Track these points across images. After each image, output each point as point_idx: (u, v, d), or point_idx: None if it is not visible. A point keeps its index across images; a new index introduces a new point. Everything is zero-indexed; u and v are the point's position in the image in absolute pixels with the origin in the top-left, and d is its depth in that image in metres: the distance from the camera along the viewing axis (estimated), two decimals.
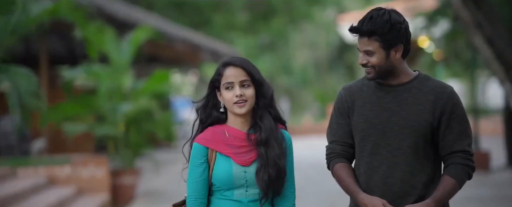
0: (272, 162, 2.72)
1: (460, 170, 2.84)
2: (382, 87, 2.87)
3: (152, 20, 14.39)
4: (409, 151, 2.81)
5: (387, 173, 2.83)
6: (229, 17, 22.79)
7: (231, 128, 2.77)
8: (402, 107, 2.84)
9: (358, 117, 2.87)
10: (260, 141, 2.74)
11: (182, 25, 18.28)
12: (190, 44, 15.62)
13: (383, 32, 2.77)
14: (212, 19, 21.99)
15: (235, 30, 24.25)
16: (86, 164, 9.54)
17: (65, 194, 8.91)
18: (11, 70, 5.78)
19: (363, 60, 2.83)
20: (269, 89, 2.78)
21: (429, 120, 2.82)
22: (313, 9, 25.35)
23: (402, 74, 2.86)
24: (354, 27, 2.82)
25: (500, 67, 7.50)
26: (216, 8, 21.83)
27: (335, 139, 2.93)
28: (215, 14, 22.07)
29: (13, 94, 5.42)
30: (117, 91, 10.09)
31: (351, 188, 2.84)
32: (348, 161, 2.93)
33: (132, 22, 12.68)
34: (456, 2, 7.35)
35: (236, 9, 22.62)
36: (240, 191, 2.75)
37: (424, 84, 2.86)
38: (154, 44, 13.39)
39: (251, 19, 23.73)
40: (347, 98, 2.90)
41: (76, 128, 9.93)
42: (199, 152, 2.74)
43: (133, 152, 10.21)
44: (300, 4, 23.58)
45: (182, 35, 15.46)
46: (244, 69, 2.73)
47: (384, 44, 2.79)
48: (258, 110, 2.77)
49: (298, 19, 25.60)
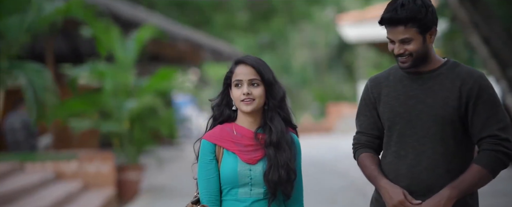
0: (283, 163, 2.71)
1: (487, 155, 2.71)
2: (410, 75, 2.81)
3: (154, 19, 14.57)
4: (436, 139, 2.75)
5: (414, 162, 2.77)
6: (230, 16, 22.95)
7: (239, 126, 2.78)
8: (428, 94, 2.78)
9: (384, 106, 2.83)
10: (270, 142, 2.73)
11: (183, 25, 18.45)
12: (192, 43, 15.76)
13: (421, 17, 2.71)
14: (212, 18, 22.15)
15: (235, 30, 24.42)
16: (92, 159, 9.74)
17: (72, 188, 9.09)
18: (26, 66, 5.97)
19: (400, 50, 2.75)
20: (280, 90, 2.77)
21: (456, 107, 2.74)
22: (313, 9, 25.46)
23: (432, 61, 2.81)
24: (388, 17, 2.74)
25: (497, 66, 7.65)
26: (216, 7, 21.99)
27: (361, 130, 2.90)
28: (216, 13, 22.23)
29: (28, 90, 5.61)
30: (122, 89, 10.28)
31: (374, 174, 2.80)
32: (374, 151, 2.89)
33: (136, 21, 12.86)
34: (453, 2, 7.51)
35: (236, 8, 22.77)
36: (244, 190, 2.75)
37: (452, 70, 2.80)
38: (156, 43, 13.57)
39: (251, 18, 23.87)
40: (373, 89, 2.86)
41: (82, 124, 10.14)
42: (207, 149, 2.76)
43: (137, 148, 10.42)
44: (300, 4, 23.72)
45: (184, 34, 15.61)
46: (254, 68, 2.74)
47: (421, 29, 2.73)
48: (268, 111, 2.76)
49: (298, 19, 25.74)
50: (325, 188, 10.21)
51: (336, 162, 14.05)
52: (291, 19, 25.01)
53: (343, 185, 10.59)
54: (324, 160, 14.38)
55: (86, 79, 10.92)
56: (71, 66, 10.61)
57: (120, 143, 10.42)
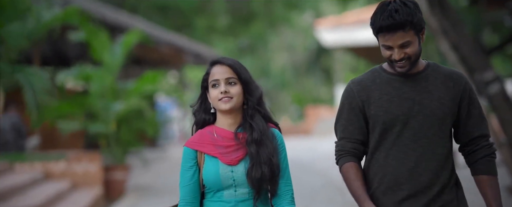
0: (265, 159, 2.70)
1: (488, 162, 2.79)
2: (397, 77, 2.79)
3: (138, 24, 14.87)
4: (434, 139, 2.75)
5: (415, 164, 2.74)
6: (211, 20, 23.26)
7: (219, 128, 2.77)
8: (423, 96, 2.77)
9: (377, 109, 2.77)
10: (252, 140, 2.72)
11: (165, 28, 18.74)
12: (174, 46, 16.07)
13: (416, 19, 2.71)
14: (194, 22, 22.45)
15: (216, 33, 24.72)
16: (80, 159, 10.03)
17: (61, 188, 9.37)
18: (26, 70, 6.31)
19: (401, 54, 2.72)
20: (257, 89, 2.77)
21: (450, 106, 2.77)
22: (292, 13, 25.82)
23: (419, 62, 2.81)
24: (387, 25, 2.69)
25: (465, 71, 8.00)
26: (198, 11, 22.28)
27: (345, 136, 2.82)
28: (198, 17, 22.53)
29: (29, 92, 5.94)
30: (109, 91, 10.61)
31: (359, 193, 2.75)
32: (358, 160, 2.84)
33: (120, 26, 13.18)
34: (424, 10, 7.78)
35: (218, 13, 23.08)
36: (229, 192, 2.74)
37: (439, 71, 2.81)
38: (140, 47, 13.89)
39: (231, 22, 24.19)
40: (360, 92, 2.79)
41: (70, 125, 10.45)
42: (188, 155, 2.75)
43: (124, 149, 10.74)
44: (279, 8, 24.08)
45: (167, 38, 15.93)
46: (231, 67, 2.73)
47: (416, 30, 2.73)
48: (248, 109, 2.76)
49: (277, 23, 26.10)
50: (305, 186, 10.55)
51: (315, 162, 14.47)
52: (271, 23, 25.36)
53: (322, 183, 10.99)
54: (303, 160, 14.78)
55: (72, 82, 11.23)
56: (55, 70, 10.90)
57: (107, 144, 10.73)
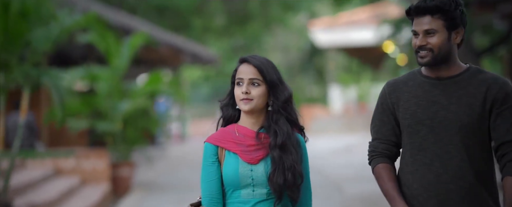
0: (289, 166, 2.65)
1: None
2: (430, 80, 2.72)
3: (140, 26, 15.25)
4: (460, 145, 2.67)
5: (441, 170, 2.68)
6: (207, 20, 23.64)
7: (241, 127, 2.74)
8: (451, 100, 2.68)
9: (404, 112, 2.73)
10: (275, 145, 2.66)
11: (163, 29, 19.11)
12: (173, 47, 16.45)
13: (449, 10, 2.63)
14: (191, 22, 22.82)
15: (211, 33, 25.10)
16: (88, 156, 10.47)
17: (72, 183, 9.79)
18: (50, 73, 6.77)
19: (423, 42, 2.64)
20: (284, 92, 2.70)
21: (480, 112, 2.67)
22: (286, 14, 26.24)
23: (454, 65, 2.70)
24: (415, 6, 2.64)
25: None
26: (195, 12, 22.64)
27: (378, 137, 2.79)
28: (195, 18, 22.90)
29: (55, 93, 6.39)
30: (116, 91, 11.04)
31: (392, 194, 2.70)
32: (391, 161, 2.79)
33: (124, 27, 13.58)
34: None
35: (214, 13, 23.44)
36: (247, 191, 2.69)
37: (476, 77, 2.71)
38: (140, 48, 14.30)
39: (228, 23, 24.57)
40: (392, 94, 2.76)
41: (79, 124, 10.88)
42: (210, 151, 2.72)
43: (129, 146, 11.19)
44: (275, 9, 24.46)
45: (166, 39, 16.31)
46: (256, 68, 2.67)
47: (448, 23, 2.64)
48: (273, 112, 2.70)
49: (272, 23, 26.51)
50: None
51: (312, 160, 14.86)
52: (266, 24, 25.75)
53: (320, 180, 11.43)
54: None
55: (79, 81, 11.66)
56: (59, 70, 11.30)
57: (113, 141, 11.16)
